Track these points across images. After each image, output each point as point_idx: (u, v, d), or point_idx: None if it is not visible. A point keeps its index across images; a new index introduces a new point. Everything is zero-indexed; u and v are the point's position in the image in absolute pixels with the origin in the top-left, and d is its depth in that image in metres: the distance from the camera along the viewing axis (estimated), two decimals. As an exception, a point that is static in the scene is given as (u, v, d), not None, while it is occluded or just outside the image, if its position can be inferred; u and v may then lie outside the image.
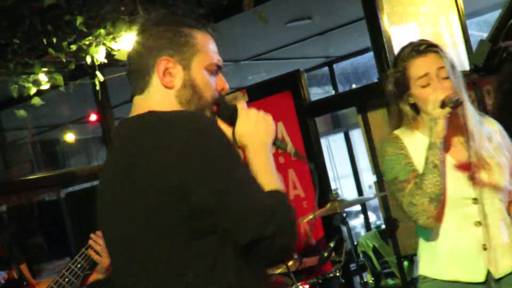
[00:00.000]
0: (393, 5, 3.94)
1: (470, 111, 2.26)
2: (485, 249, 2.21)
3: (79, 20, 3.83)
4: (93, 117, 5.33)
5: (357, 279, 4.61)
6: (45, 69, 4.54)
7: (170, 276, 1.49)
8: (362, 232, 7.72)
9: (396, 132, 2.33)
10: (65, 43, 4.19)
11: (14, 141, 6.13)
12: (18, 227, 5.05)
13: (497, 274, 2.22)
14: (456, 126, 2.27)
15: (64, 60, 4.39)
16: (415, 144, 2.28)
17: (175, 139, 1.43)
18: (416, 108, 2.29)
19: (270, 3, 4.13)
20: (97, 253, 2.79)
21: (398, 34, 3.97)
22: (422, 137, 2.27)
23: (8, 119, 5.51)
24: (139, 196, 1.46)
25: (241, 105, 1.66)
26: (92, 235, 2.80)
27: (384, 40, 3.81)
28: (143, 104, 1.58)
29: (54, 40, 4.06)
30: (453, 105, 2.08)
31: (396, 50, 4.05)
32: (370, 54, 4.95)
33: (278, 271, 3.62)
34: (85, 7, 3.81)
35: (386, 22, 3.88)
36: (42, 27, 3.83)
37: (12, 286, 2.90)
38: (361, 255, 5.51)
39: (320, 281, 3.52)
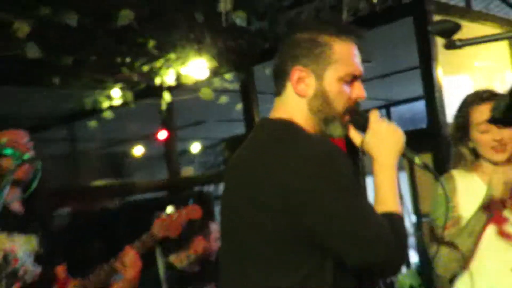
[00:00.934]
0: (448, 56, 4.05)
1: None
2: None
3: (151, 43, 4.18)
4: (162, 134, 5.66)
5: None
6: (118, 86, 4.99)
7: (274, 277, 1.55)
8: (403, 270, 7.79)
9: (453, 171, 2.36)
10: (137, 64, 4.58)
11: (84, 151, 6.63)
12: (77, 230, 5.44)
13: None
14: None
15: (135, 79, 4.82)
16: (471, 186, 2.32)
17: (301, 162, 1.49)
18: (475, 153, 2.33)
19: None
20: (125, 266, 2.83)
21: (451, 84, 4.08)
22: (479, 181, 2.30)
23: (80, 130, 5.97)
24: (255, 209, 1.53)
25: (374, 116, 1.67)
26: (126, 250, 2.85)
27: (436, 89, 3.94)
28: (279, 106, 1.67)
29: (128, 60, 4.44)
30: None
31: (447, 100, 4.19)
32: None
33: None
34: (156, 32, 4.13)
35: (440, 72, 4.02)
36: (116, 47, 4.19)
37: (42, 285, 2.93)
38: (399, 293, 5.57)
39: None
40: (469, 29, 4.31)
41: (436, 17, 4.08)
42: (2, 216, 2.66)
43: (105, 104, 5.18)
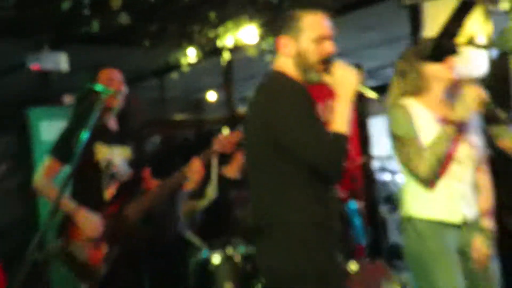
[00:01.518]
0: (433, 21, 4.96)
1: None
2: (462, 197, 2.56)
3: (212, 15, 5.37)
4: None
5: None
6: (193, 47, 6.26)
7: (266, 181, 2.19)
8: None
9: (404, 102, 2.60)
10: (204, 31, 5.81)
11: (171, 97, 8.19)
12: (163, 149, 6.95)
13: (468, 219, 2.55)
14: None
15: (203, 43, 6.09)
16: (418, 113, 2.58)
17: (275, 101, 2.10)
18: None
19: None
20: (193, 172, 3.23)
21: None
22: (426, 111, 2.59)
23: (166, 81, 7.43)
24: (254, 135, 2.20)
25: (337, 64, 2.18)
26: (194, 160, 3.26)
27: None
28: (276, 62, 2.26)
29: (197, 28, 5.70)
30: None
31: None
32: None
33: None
34: (216, 5, 5.26)
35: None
36: (188, 18, 5.45)
37: (134, 183, 3.38)
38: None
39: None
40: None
41: None
42: (102, 133, 3.22)
43: (184, 61, 6.47)
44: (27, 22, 4.95)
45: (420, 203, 2.58)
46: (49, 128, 5.27)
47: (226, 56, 6.22)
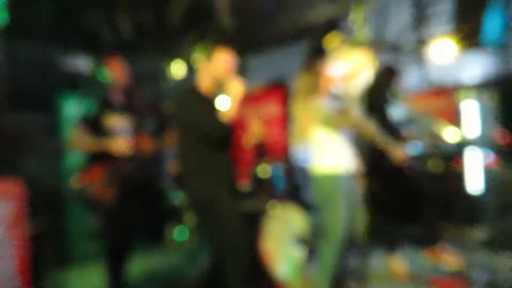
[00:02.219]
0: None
1: None
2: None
3: (195, 34, 6.54)
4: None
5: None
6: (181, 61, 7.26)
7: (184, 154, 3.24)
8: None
9: None
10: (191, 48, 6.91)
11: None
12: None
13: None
14: None
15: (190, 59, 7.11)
16: None
17: (178, 102, 3.15)
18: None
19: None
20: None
21: None
22: None
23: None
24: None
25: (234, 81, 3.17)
26: None
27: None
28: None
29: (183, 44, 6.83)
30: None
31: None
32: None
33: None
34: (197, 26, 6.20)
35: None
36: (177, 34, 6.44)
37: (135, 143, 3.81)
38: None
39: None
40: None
41: None
42: (110, 106, 3.78)
43: (173, 73, 7.35)
44: (64, 30, 5.84)
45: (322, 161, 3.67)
46: (75, 111, 5.80)
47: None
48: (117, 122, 3.82)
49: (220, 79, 3.20)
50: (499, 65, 5.59)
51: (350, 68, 3.67)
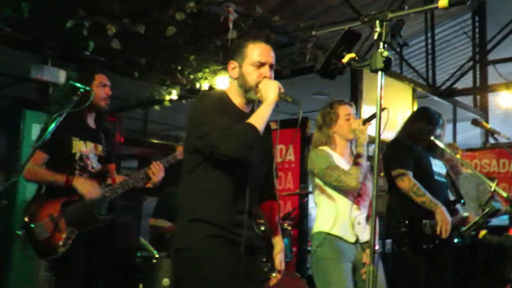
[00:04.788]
0: (369, 93, 5.94)
1: None
2: (358, 223, 3.31)
3: (192, 57, 6.01)
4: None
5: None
6: (174, 86, 6.93)
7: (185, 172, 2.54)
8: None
9: (322, 147, 3.41)
10: (186, 72, 6.51)
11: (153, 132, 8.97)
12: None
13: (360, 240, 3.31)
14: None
15: (184, 82, 6.76)
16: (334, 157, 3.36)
17: (192, 104, 2.48)
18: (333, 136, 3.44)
19: (302, 78, 6.30)
20: (153, 173, 3.54)
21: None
22: (337, 155, 3.39)
23: (150, 113, 8.22)
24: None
25: (263, 81, 2.44)
26: (153, 162, 3.59)
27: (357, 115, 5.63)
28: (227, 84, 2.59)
29: (179, 67, 6.37)
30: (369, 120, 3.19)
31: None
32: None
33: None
34: (195, 51, 5.89)
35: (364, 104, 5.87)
36: (173, 58, 6.12)
37: (100, 175, 3.59)
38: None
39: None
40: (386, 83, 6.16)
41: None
42: (81, 130, 3.48)
43: (166, 97, 7.16)
44: (37, 39, 5.63)
45: (326, 223, 3.32)
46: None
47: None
48: (84, 150, 3.46)
49: (251, 80, 2.47)
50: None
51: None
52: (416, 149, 3.25)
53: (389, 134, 3.50)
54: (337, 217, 3.30)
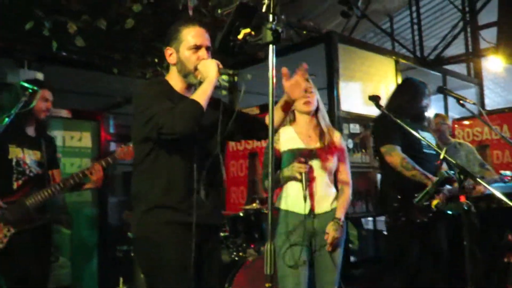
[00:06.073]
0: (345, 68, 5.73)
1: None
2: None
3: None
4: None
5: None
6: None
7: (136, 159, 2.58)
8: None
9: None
10: (165, 64, 6.13)
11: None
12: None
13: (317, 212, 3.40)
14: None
15: (164, 74, 6.70)
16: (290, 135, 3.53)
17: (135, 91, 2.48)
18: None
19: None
20: (91, 173, 3.72)
21: (347, 87, 5.71)
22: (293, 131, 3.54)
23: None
24: None
25: (201, 61, 2.48)
26: (94, 164, 3.78)
27: (335, 89, 5.61)
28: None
29: (156, 60, 6.28)
30: None
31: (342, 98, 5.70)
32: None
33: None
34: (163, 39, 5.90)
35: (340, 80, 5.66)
36: (143, 50, 6.12)
37: (41, 178, 3.72)
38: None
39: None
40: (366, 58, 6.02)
41: (340, 46, 5.67)
42: (19, 137, 3.63)
43: None
44: (12, 43, 5.55)
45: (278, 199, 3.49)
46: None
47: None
48: (20, 156, 3.60)
49: (189, 65, 2.51)
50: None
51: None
52: (404, 122, 3.21)
53: (374, 109, 3.44)
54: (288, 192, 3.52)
